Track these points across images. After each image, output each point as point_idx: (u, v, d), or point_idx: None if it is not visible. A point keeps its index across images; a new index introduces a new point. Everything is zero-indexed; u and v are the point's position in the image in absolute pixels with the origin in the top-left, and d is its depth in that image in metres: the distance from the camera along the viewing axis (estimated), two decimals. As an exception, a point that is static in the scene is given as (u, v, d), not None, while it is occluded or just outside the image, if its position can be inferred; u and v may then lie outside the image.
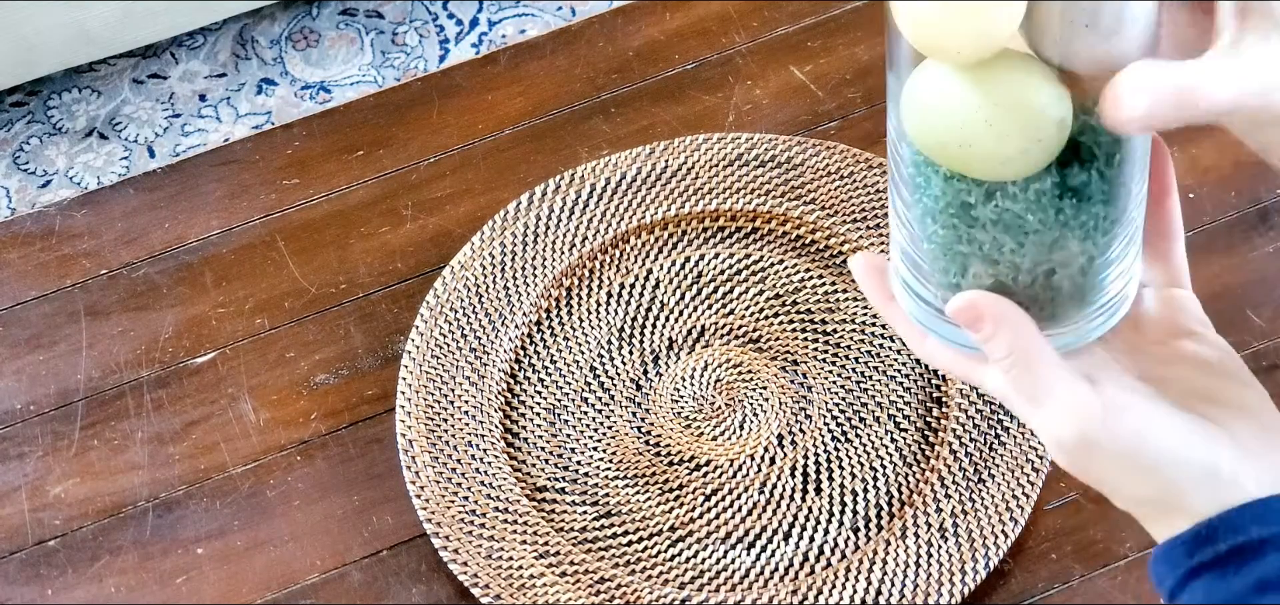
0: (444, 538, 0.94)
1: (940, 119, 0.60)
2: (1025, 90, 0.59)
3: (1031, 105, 0.59)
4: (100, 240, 1.10)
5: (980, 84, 0.59)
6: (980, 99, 0.59)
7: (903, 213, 0.66)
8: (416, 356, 1.01)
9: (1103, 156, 0.62)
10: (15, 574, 0.96)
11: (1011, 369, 0.64)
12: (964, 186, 0.62)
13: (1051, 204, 0.62)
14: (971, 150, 0.60)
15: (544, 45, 1.17)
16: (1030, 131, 0.59)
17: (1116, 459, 0.65)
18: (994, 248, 0.63)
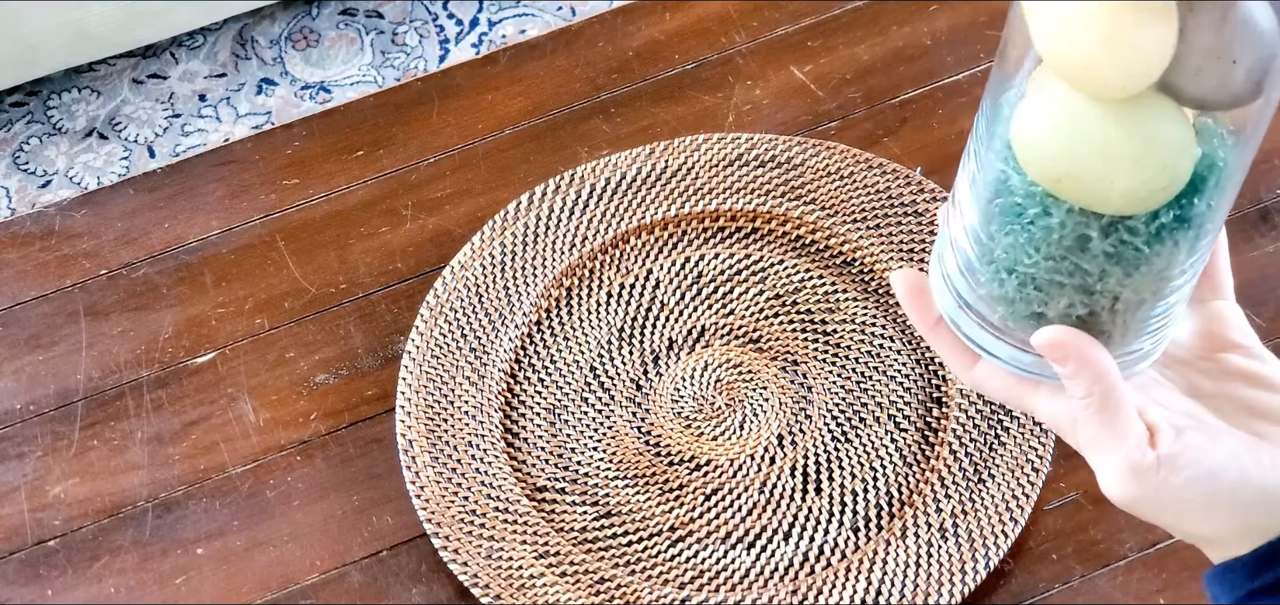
0: (444, 538, 0.93)
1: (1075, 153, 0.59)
2: (1165, 126, 0.58)
3: (1171, 143, 0.59)
4: (100, 240, 1.10)
5: (1123, 119, 0.58)
6: (1125, 136, 0.58)
7: (984, 238, 0.64)
8: (416, 356, 1.01)
9: (1215, 185, 0.61)
10: (15, 574, 0.96)
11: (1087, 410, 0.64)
12: (1085, 220, 0.61)
13: (1168, 236, 0.62)
14: (1113, 185, 0.59)
15: (544, 45, 1.17)
16: (1170, 166, 0.59)
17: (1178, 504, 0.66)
18: (1099, 279, 0.63)
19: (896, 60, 1.14)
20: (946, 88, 1.12)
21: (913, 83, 1.12)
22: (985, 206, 0.64)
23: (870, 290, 1.02)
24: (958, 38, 1.14)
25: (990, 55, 1.13)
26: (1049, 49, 0.58)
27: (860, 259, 1.03)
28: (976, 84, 1.12)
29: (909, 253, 1.03)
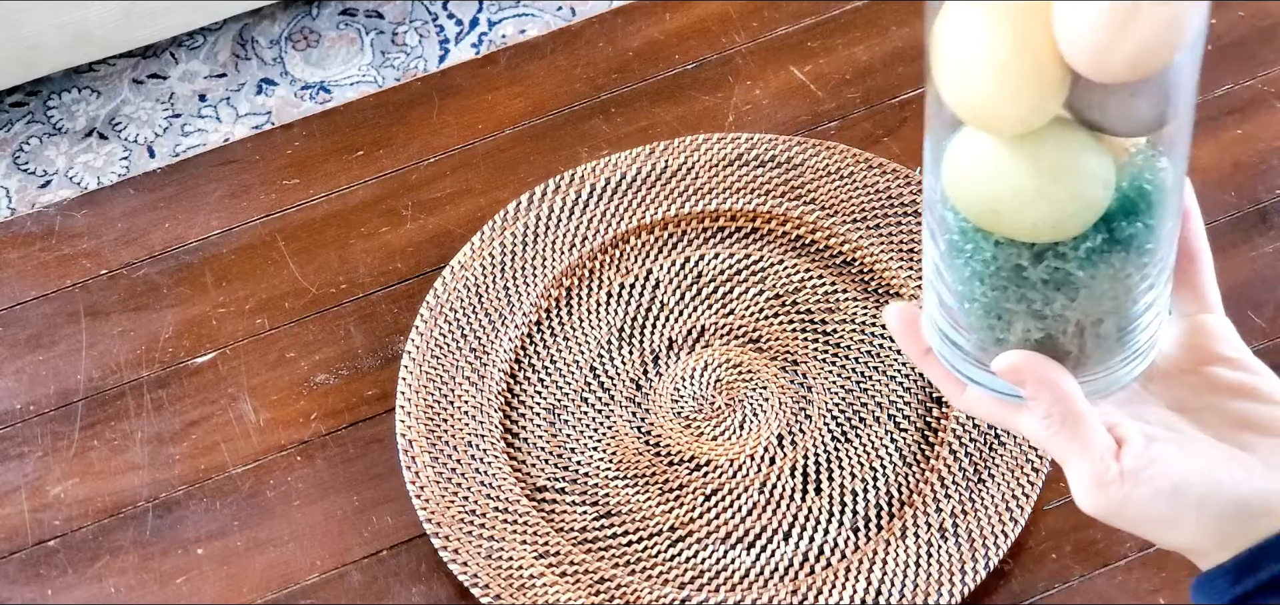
0: (444, 538, 0.94)
1: (990, 190, 0.61)
2: (1072, 156, 0.60)
3: (1080, 170, 0.60)
4: (100, 240, 1.10)
5: (1028, 153, 0.60)
6: (1030, 168, 0.60)
7: (944, 273, 0.66)
8: (416, 356, 1.01)
9: (1146, 207, 0.63)
10: (15, 574, 0.96)
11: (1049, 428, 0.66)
12: (1015, 250, 0.63)
13: (1101, 259, 0.63)
14: (1023, 218, 0.61)
15: (544, 45, 1.17)
16: (1080, 195, 0.61)
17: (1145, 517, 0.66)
18: (1044, 304, 0.64)
19: (896, 60, 1.14)
20: (946, 88, 1.12)
21: (913, 83, 1.12)
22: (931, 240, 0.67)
23: (870, 290, 1.02)
24: (958, 38, 1.14)
25: (990, 55, 1.13)
26: (949, 92, 0.60)
27: (860, 259, 1.03)
28: (976, 84, 1.11)
29: (909, 253, 1.03)
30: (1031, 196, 0.61)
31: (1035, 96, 0.59)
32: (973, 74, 0.59)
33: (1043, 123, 0.60)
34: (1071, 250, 0.63)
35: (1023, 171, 0.60)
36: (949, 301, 0.67)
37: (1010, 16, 0.58)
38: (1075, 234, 0.62)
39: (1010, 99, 0.59)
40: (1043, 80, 0.58)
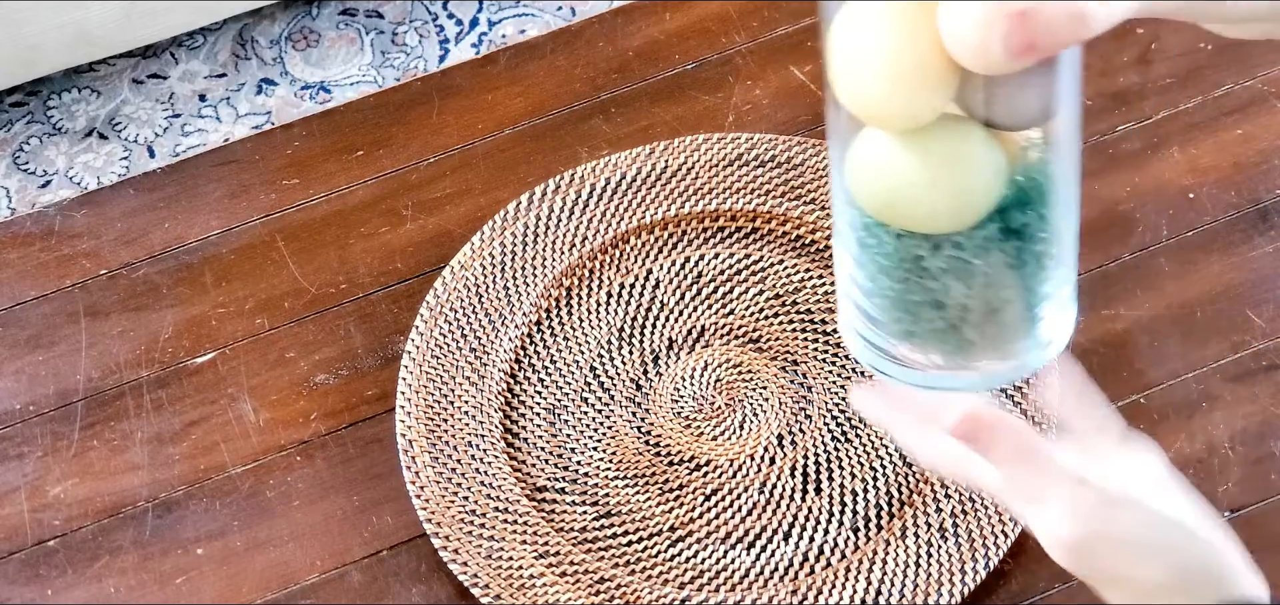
0: (444, 538, 0.94)
1: (886, 183, 0.64)
2: (963, 148, 0.63)
3: (971, 162, 0.63)
4: (100, 240, 1.10)
5: (920, 148, 0.63)
6: (922, 162, 0.63)
7: (853, 271, 0.69)
8: (416, 356, 1.01)
9: (1039, 197, 0.65)
10: (15, 574, 0.96)
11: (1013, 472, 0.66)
12: (914, 241, 0.65)
13: (996, 247, 0.65)
14: (918, 209, 0.64)
15: (544, 45, 1.17)
16: (971, 185, 0.64)
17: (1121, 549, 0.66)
18: (944, 293, 0.67)
19: (896, 60, 1.13)
20: (946, 88, 1.12)
21: (913, 83, 1.12)
22: (840, 240, 0.69)
23: (870, 290, 1.02)
24: (958, 38, 1.14)
25: (990, 55, 1.13)
26: (845, 92, 0.64)
27: (860, 259, 1.03)
28: (976, 84, 1.11)
29: (909, 253, 1.03)
30: (926, 188, 0.64)
31: (924, 92, 0.61)
32: (865, 74, 0.62)
33: (933, 117, 0.62)
34: (967, 239, 0.65)
35: (916, 165, 0.63)
36: (861, 301, 0.69)
37: (898, 17, 0.61)
38: (970, 224, 0.64)
39: (901, 96, 0.62)
40: (931, 77, 0.61)
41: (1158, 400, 0.97)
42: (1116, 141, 1.08)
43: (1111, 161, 1.07)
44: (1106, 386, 0.97)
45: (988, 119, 0.63)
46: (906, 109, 0.62)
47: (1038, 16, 0.58)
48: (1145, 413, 0.96)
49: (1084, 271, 1.03)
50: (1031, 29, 0.58)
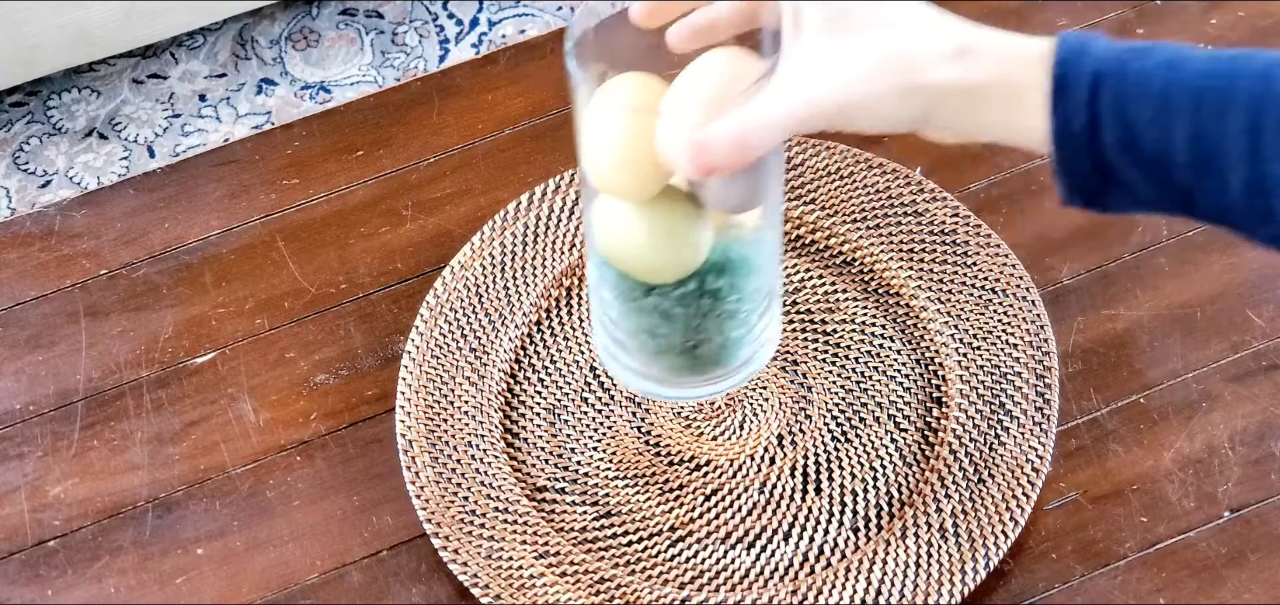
0: (444, 538, 0.94)
1: (614, 239, 0.80)
2: (676, 222, 0.79)
3: (679, 234, 0.79)
4: (100, 240, 1.10)
5: (644, 217, 0.79)
6: (644, 228, 0.79)
7: (598, 298, 0.86)
8: (416, 356, 1.01)
9: (732, 269, 0.81)
10: (15, 574, 0.96)
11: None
12: (633, 286, 0.82)
13: (693, 302, 0.82)
14: (636, 263, 0.81)
15: (544, 45, 1.17)
16: (675, 253, 0.80)
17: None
18: (654, 328, 0.84)
19: (896, 60, 1.13)
20: (946, 88, 1.12)
21: (913, 83, 1.12)
22: (592, 274, 0.85)
23: (870, 290, 1.02)
24: (958, 38, 1.14)
25: (990, 55, 1.13)
26: (588, 168, 0.79)
27: (860, 259, 1.03)
28: (976, 84, 1.11)
29: (909, 252, 1.03)
30: (642, 250, 0.80)
31: (644, 179, 0.77)
32: (602, 157, 0.77)
33: (652, 196, 0.78)
34: (671, 291, 0.82)
35: (637, 230, 0.79)
36: (606, 323, 0.86)
37: (629, 118, 0.76)
38: (674, 280, 0.81)
39: (626, 178, 0.78)
40: (650, 168, 0.76)
41: (1158, 400, 0.97)
42: (1116, 141, 1.08)
43: (1111, 161, 1.07)
44: (1106, 386, 0.98)
45: (703, 201, 0.78)
46: (630, 188, 0.78)
47: (709, 147, 0.71)
48: (1145, 413, 0.96)
49: (1084, 271, 1.03)
50: (705, 157, 0.71)
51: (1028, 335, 0.98)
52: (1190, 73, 0.67)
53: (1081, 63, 0.68)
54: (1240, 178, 0.66)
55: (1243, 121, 0.66)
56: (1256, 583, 0.90)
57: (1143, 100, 0.67)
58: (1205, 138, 0.66)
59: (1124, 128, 0.68)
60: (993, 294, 1.00)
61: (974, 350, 0.98)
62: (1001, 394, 0.96)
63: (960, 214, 1.04)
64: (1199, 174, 0.67)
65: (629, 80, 0.77)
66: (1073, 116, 0.68)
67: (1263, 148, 0.65)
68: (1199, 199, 0.68)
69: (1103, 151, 0.68)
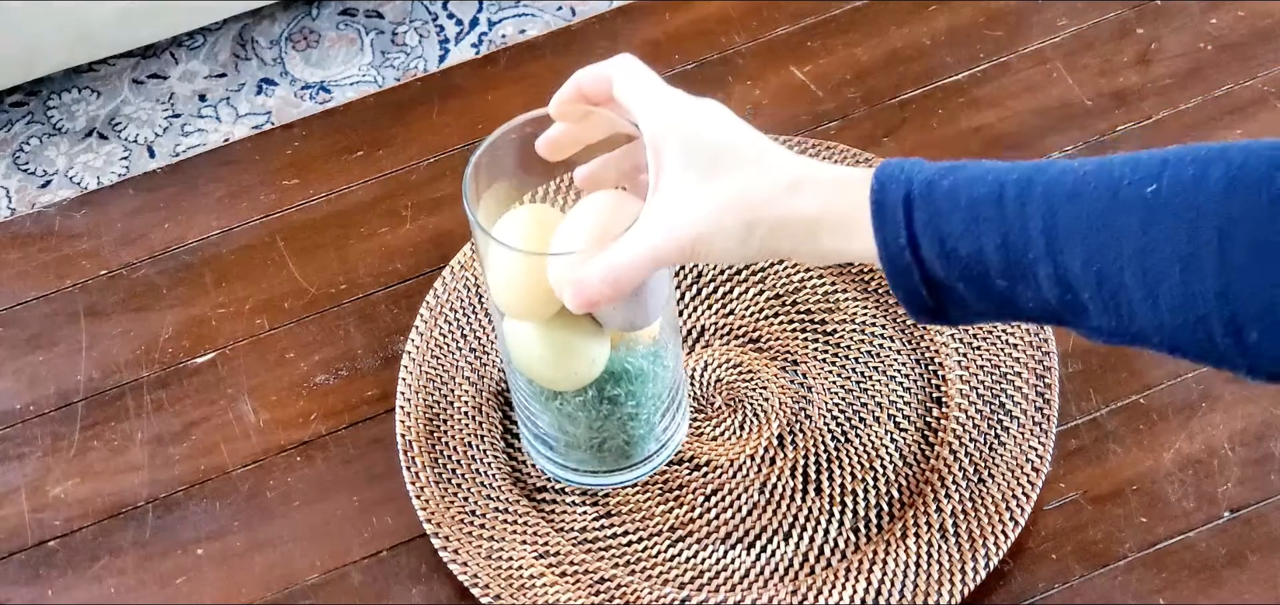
0: (444, 538, 0.94)
1: (520, 353, 0.88)
2: (573, 340, 0.86)
3: (575, 350, 0.87)
4: (100, 240, 1.10)
5: (542, 334, 0.86)
6: (543, 345, 0.87)
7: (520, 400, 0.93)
8: (416, 356, 1.01)
9: (627, 379, 0.89)
10: (15, 574, 0.96)
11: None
12: (537, 391, 0.90)
13: (593, 407, 0.90)
14: (538, 372, 0.88)
15: (544, 45, 1.17)
16: (572, 365, 0.87)
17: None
18: (562, 427, 0.92)
19: (896, 60, 1.14)
20: (946, 88, 1.12)
21: (912, 83, 1.12)
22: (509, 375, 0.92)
23: (870, 290, 1.02)
24: (957, 38, 1.14)
25: (990, 55, 1.13)
26: (492, 293, 0.86)
27: (860, 259, 1.03)
28: (976, 84, 1.12)
29: (909, 253, 1.03)
30: (544, 363, 0.87)
31: (541, 305, 0.84)
32: (501, 279, 0.85)
33: (548, 318, 0.85)
34: (572, 398, 0.90)
35: (534, 343, 0.87)
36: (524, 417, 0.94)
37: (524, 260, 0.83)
38: (575, 389, 0.89)
39: (525, 306, 0.85)
40: (546, 297, 0.83)
41: (1158, 400, 0.97)
42: (1116, 142, 1.08)
43: (1111, 161, 1.07)
44: (1106, 387, 0.98)
45: (598, 319, 0.86)
46: (530, 312, 0.86)
47: (586, 284, 0.79)
48: (1145, 413, 0.96)
49: (1084, 271, 1.03)
50: (585, 292, 0.79)
51: (1028, 335, 0.98)
52: (994, 181, 0.72)
53: (895, 187, 0.74)
54: (1047, 274, 0.71)
55: (1039, 222, 0.70)
56: (1256, 583, 0.90)
57: (953, 214, 0.72)
58: (1010, 242, 0.71)
59: (939, 242, 0.73)
60: (993, 294, 1.00)
61: (974, 350, 0.98)
62: (1001, 394, 0.96)
63: (960, 214, 1.04)
64: (1012, 278, 0.72)
65: (525, 213, 0.86)
66: (893, 238, 0.74)
67: (1057, 242, 0.70)
68: (1020, 302, 0.73)
69: (926, 268, 0.74)
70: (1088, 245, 0.69)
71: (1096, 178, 0.70)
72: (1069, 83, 1.11)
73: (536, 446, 0.94)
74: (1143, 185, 0.68)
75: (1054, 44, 1.13)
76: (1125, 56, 1.12)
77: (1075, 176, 0.71)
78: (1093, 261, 0.69)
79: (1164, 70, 1.11)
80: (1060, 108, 1.10)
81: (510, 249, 0.83)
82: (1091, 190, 0.69)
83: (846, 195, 0.76)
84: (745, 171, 0.78)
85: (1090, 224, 0.69)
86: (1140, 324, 0.69)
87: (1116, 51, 1.12)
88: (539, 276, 0.83)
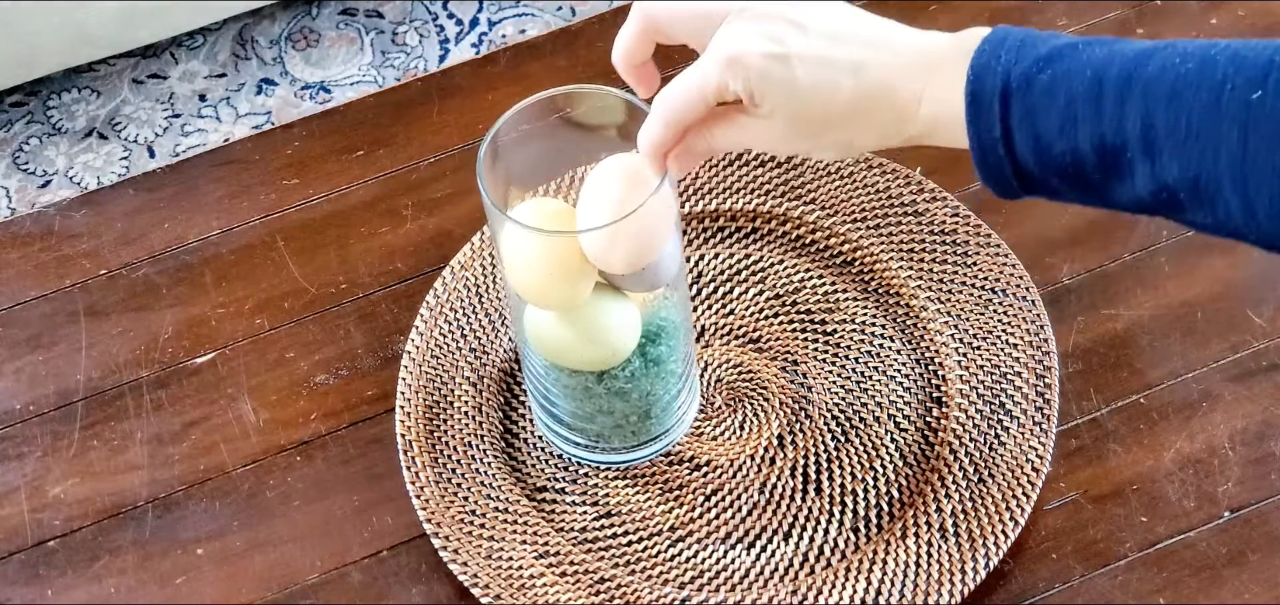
0: (444, 538, 0.93)
1: (554, 343, 0.89)
2: (605, 318, 0.88)
3: (611, 326, 0.88)
4: (100, 240, 1.10)
5: (572, 321, 0.87)
6: (575, 331, 0.88)
7: (539, 390, 0.93)
8: (416, 356, 1.01)
9: (664, 334, 0.90)
10: (15, 574, 0.96)
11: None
12: (582, 377, 0.90)
13: (641, 373, 0.91)
14: (580, 360, 0.89)
15: (544, 45, 1.17)
16: (612, 342, 0.88)
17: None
18: (610, 408, 0.92)
19: (896, 60, 1.13)
20: (946, 88, 1.12)
21: (913, 83, 1.12)
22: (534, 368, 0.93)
23: (870, 290, 1.02)
24: (958, 38, 1.14)
25: (990, 55, 1.13)
26: (514, 285, 0.87)
27: (860, 259, 1.03)
28: (976, 84, 1.11)
29: (909, 252, 1.03)
30: (580, 348, 0.88)
31: (569, 291, 0.86)
32: (527, 276, 0.85)
33: (578, 305, 0.86)
34: (621, 371, 0.90)
35: (570, 333, 0.88)
36: (550, 407, 0.94)
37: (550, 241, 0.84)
38: (620, 362, 0.89)
39: (554, 294, 0.86)
40: (573, 280, 0.85)
41: (1158, 400, 0.97)
42: (1116, 141, 1.08)
43: (1111, 161, 1.07)
44: (1106, 386, 0.98)
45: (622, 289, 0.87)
46: (558, 301, 0.86)
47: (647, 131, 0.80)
48: (1145, 413, 0.96)
49: (1084, 271, 1.03)
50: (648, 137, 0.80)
51: (1028, 335, 0.98)
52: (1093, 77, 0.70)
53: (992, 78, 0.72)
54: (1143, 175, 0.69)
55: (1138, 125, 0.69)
56: (1256, 583, 0.90)
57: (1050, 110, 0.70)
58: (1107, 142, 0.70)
59: (1034, 138, 0.71)
60: (993, 294, 1.00)
61: (974, 350, 0.98)
62: (1001, 394, 0.96)
63: (960, 214, 1.04)
64: (1106, 174, 0.71)
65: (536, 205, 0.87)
66: (987, 131, 0.72)
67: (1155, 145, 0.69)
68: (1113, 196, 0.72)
69: (1019, 161, 0.72)
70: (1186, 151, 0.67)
71: (1198, 76, 0.68)
72: (1069, 83, 1.11)
73: (559, 431, 0.95)
74: (1248, 90, 0.66)
75: (1054, 44, 1.13)
76: (1125, 56, 1.12)
77: (1176, 73, 0.68)
78: (1190, 167, 0.68)
79: (1164, 70, 1.11)
80: (1060, 108, 1.10)
81: (537, 236, 0.84)
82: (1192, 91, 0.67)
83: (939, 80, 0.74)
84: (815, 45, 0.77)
85: (1189, 129, 0.67)
86: (1236, 225, 0.69)
87: (1116, 51, 1.12)
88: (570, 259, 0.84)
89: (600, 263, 0.85)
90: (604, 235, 0.83)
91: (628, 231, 0.83)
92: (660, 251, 0.85)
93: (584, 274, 0.85)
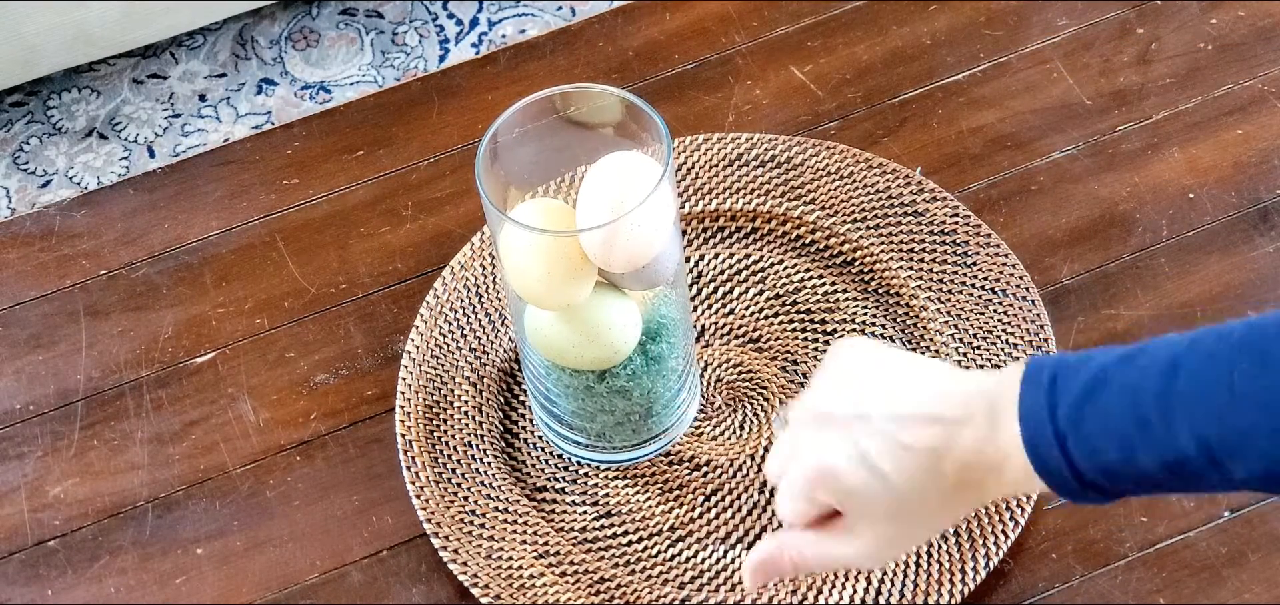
0: (444, 538, 0.93)
1: (555, 343, 0.89)
2: (606, 316, 0.88)
3: (612, 324, 0.88)
4: (100, 240, 1.10)
5: (573, 320, 0.88)
6: (576, 331, 0.88)
7: (540, 390, 0.93)
8: (416, 356, 1.01)
9: (664, 331, 0.91)
10: (15, 574, 0.96)
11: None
12: (583, 376, 0.91)
13: (642, 372, 0.91)
14: (581, 359, 0.89)
15: (544, 45, 1.17)
16: (613, 341, 0.89)
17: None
18: (612, 407, 0.92)
19: (896, 60, 1.14)
20: (946, 87, 1.12)
21: (912, 82, 1.12)
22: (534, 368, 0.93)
23: (870, 290, 1.02)
24: (957, 38, 1.14)
25: (990, 55, 1.13)
26: (514, 286, 0.87)
27: (860, 259, 1.03)
28: (976, 84, 1.12)
29: (909, 252, 1.03)
30: (582, 348, 0.88)
31: (569, 290, 0.86)
32: (527, 276, 0.86)
33: (578, 304, 0.86)
34: (622, 370, 0.90)
35: (570, 333, 0.88)
36: (551, 407, 0.94)
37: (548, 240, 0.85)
38: (620, 362, 0.90)
39: (554, 293, 0.86)
40: (573, 279, 0.85)
41: (1158, 400, 0.97)
42: (1116, 141, 1.08)
43: (1111, 161, 1.07)
44: (1106, 386, 0.97)
45: (622, 286, 0.88)
46: (559, 302, 0.87)
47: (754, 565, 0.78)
48: (1145, 413, 0.96)
49: (1084, 271, 1.03)
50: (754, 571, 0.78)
51: (1028, 335, 0.98)
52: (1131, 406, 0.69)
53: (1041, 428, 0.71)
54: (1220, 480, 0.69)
55: (1192, 444, 0.68)
56: (1256, 583, 0.90)
57: (1108, 449, 0.70)
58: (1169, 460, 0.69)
59: (1103, 471, 0.70)
60: (993, 294, 1.00)
61: (974, 350, 0.98)
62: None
63: (960, 214, 1.04)
64: (1186, 481, 0.70)
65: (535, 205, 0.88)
66: (1056, 470, 0.71)
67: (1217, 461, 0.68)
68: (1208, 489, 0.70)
69: (1097, 487, 0.71)
70: (1246, 455, 0.67)
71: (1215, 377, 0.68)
72: (1069, 82, 1.11)
73: (560, 430, 0.95)
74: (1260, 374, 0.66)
75: (1054, 44, 1.13)
76: (1125, 56, 1.12)
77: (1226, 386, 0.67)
78: (1256, 466, 0.67)
79: (1164, 70, 1.11)
80: (1060, 107, 1.10)
81: (538, 236, 0.84)
82: (1246, 402, 0.67)
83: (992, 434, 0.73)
84: None
85: (1240, 435, 0.67)
86: None
87: (1116, 51, 1.12)
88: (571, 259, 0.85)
89: (600, 261, 0.85)
90: (604, 234, 0.84)
91: (627, 230, 0.83)
92: (660, 249, 0.86)
93: (584, 273, 0.86)
